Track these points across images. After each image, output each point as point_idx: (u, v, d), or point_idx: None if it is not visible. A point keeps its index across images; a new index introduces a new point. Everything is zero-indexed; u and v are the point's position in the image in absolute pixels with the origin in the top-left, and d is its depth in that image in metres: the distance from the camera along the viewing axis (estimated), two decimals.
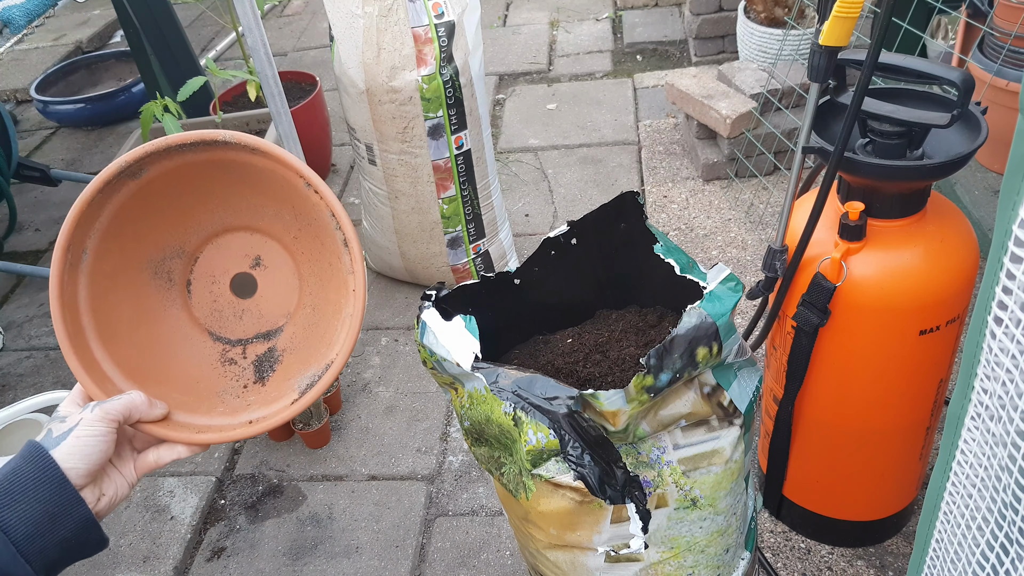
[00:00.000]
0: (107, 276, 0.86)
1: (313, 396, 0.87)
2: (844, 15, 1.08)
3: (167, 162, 0.85)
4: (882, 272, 1.22)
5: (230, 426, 0.86)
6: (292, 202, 0.89)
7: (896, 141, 1.18)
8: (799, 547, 1.64)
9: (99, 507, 0.74)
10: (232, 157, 0.86)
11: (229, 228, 0.93)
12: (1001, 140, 1.91)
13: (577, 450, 0.91)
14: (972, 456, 0.73)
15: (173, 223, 0.91)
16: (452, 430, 2.04)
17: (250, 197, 0.90)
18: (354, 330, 0.87)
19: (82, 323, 0.84)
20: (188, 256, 0.93)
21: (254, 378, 0.93)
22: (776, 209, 2.50)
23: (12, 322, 2.62)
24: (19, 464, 0.71)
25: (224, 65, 4.07)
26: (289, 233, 0.92)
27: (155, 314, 0.92)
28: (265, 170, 0.86)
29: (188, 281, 0.94)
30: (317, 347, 0.91)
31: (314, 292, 0.93)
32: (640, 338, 1.14)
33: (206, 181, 0.88)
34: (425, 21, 1.97)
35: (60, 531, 0.70)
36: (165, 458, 0.82)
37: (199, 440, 0.83)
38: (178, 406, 0.86)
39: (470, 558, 1.74)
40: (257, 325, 0.95)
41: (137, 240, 0.89)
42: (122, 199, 0.86)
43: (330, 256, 0.90)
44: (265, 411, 0.88)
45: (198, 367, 0.92)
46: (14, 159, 2.76)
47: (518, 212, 2.74)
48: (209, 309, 0.94)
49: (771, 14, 2.86)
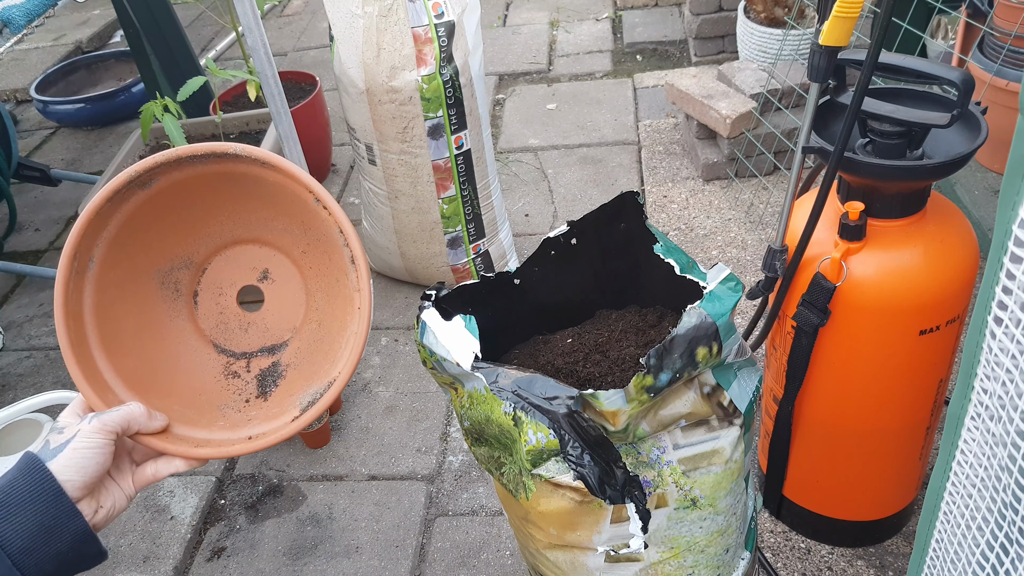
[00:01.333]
0: (114, 285, 0.86)
1: (314, 414, 0.86)
2: (844, 15, 1.08)
3: (177, 173, 0.85)
4: (882, 272, 1.22)
5: (229, 441, 0.85)
6: (301, 217, 0.88)
7: (896, 141, 1.18)
8: (799, 547, 1.64)
9: (96, 520, 0.74)
10: (243, 170, 0.85)
11: (238, 240, 0.93)
12: (1001, 140, 1.91)
13: (577, 450, 0.91)
14: (972, 456, 0.73)
15: (182, 234, 0.90)
16: (452, 430, 2.04)
17: (260, 210, 0.90)
18: (358, 348, 0.86)
19: (86, 331, 0.84)
20: (196, 267, 0.93)
21: (256, 392, 0.92)
22: (776, 209, 2.50)
23: (12, 322, 2.62)
24: (15, 476, 0.70)
25: (224, 65, 4.07)
26: (298, 247, 0.92)
27: (160, 325, 0.91)
28: (275, 184, 0.86)
29: (195, 292, 0.93)
30: (321, 364, 0.90)
31: (320, 307, 0.92)
32: (640, 338, 1.14)
33: (216, 193, 0.88)
34: (425, 21, 1.97)
35: (57, 544, 0.70)
36: (163, 471, 0.82)
37: (197, 454, 0.82)
38: (179, 419, 0.85)
39: (470, 558, 1.74)
40: (262, 339, 0.94)
41: (145, 250, 0.89)
42: (131, 208, 0.85)
43: (337, 272, 0.89)
44: (265, 427, 0.87)
45: (201, 379, 0.92)
46: (14, 159, 2.76)
47: (518, 212, 2.74)
48: (215, 321, 0.94)
49: (771, 14, 2.86)
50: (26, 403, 1.92)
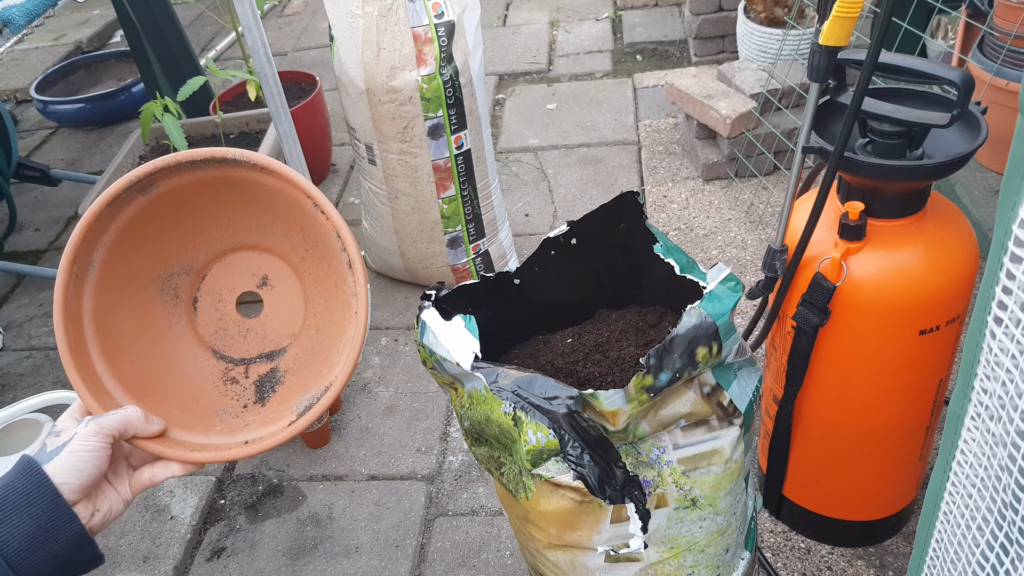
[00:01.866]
0: (113, 290, 0.86)
1: (310, 418, 0.86)
2: (844, 15, 1.08)
3: (177, 178, 0.85)
4: (882, 272, 1.22)
5: (226, 445, 0.85)
6: (300, 223, 0.88)
7: (896, 141, 1.18)
8: (799, 547, 1.64)
9: (93, 523, 0.74)
10: (242, 175, 0.85)
11: (237, 247, 0.93)
12: (1001, 140, 1.91)
13: (577, 450, 0.91)
14: (972, 456, 0.73)
15: (182, 239, 0.90)
16: (452, 430, 2.04)
17: (259, 216, 0.90)
18: (355, 353, 0.86)
19: (85, 336, 0.84)
20: (196, 273, 0.93)
21: (254, 398, 0.92)
22: (776, 209, 2.50)
23: (12, 322, 2.62)
24: (12, 479, 0.70)
25: (224, 65, 4.07)
26: (297, 253, 0.92)
27: (159, 330, 0.91)
28: (275, 189, 0.86)
29: (195, 298, 0.93)
30: (319, 369, 0.90)
31: (319, 313, 0.92)
32: (640, 338, 1.14)
33: (216, 199, 0.88)
34: (425, 21, 1.97)
35: (53, 547, 0.69)
36: (159, 476, 0.81)
37: (193, 458, 0.82)
38: (176, 423, 0.85)
39: (470, 558, 1.74)
40: (261, 345, 0.94)
41: (145, 255, 0.89)
42: (131, 213, 0.85)
43: (336, 278, 0.89)
44: (262, 432, 0.87)
45: (200, 385, 0.92)
46: (14, 159, 2.76)
47: (518, 212, 2.74)
48: (214, 327, 0.94)
49: (771, 14, 2.86)
50: (26, 403, 1.92)
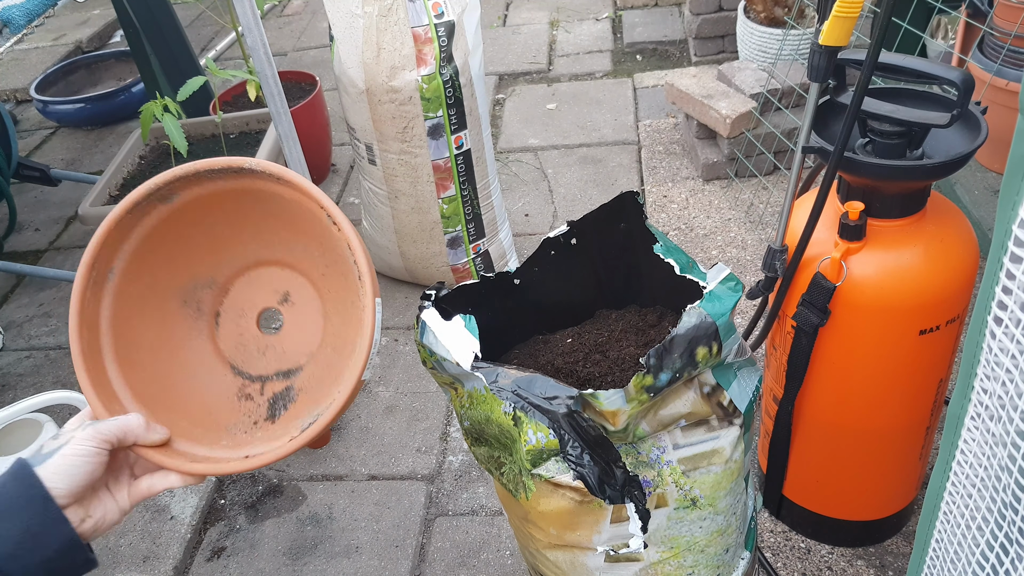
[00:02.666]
0: (134, 299, 0.86)
1: (311, 434, 0.84)
2: (844, 15, 1.08)
3: (197, 188, 0.85)
4: (882, 272, 1.22)
5: (226, 459, 0.85)
6: (320, 238, 0.88)
7: (896, 141, 1.18)
8: (799, 547, 1.64)
9: (83, 529, 0.73)
10: (260, 186, 0.85)
11: (262, 262, 0.92)
12: (1001, 140, 1.91)
13: (577, 450, 0.91)
14: (972, 456, 0.73)
15: (206, 252, 0.90)
16: (452, 430, 2.04)
17: (281, 231, 0.90)
18: (359, 367, 0.84)
19: (100, 342, 0.83)
20: (220, 287, 0.92)
21: (266, 415, 0.91)
22: (776, 209, 2.50)
23: (12, 322, 2.62)
24: (4, 481, 0.70)
25: (224, 65, 4.07)
26: (317, 269, 0.91)
27: (179, 342, 0.91)
28: (293, 201, 0.85)
29: (217, 312, 0.93)
30: (329, 388, 0.88)
31: (336, 332, 0.91)
32: (640, 338, 1.14)
33: (238, 211, 0.88)
34: (425, 21, 1.97)
35: (43, 551, 0.69)
36: (158, 486, 0.80)
37: (192, 469, 0.81)
38: (183, 435, 0.84)
39: (470, 558, 1.74)
40: (279, 363, 0.93)
41: (169, 266, 0.89)
42: (153, 222, 0.85)
43: (352, 295, 0.87)
44: (264, 448, 0.86)
45: (214, 400, 0.91)
46: (14, 159, 2.76)
47: (518, 212, 2.74)
48: (234, 343, 0.93)
49: (771, 14, 2.86)
50: (26, 403, 1.92)
